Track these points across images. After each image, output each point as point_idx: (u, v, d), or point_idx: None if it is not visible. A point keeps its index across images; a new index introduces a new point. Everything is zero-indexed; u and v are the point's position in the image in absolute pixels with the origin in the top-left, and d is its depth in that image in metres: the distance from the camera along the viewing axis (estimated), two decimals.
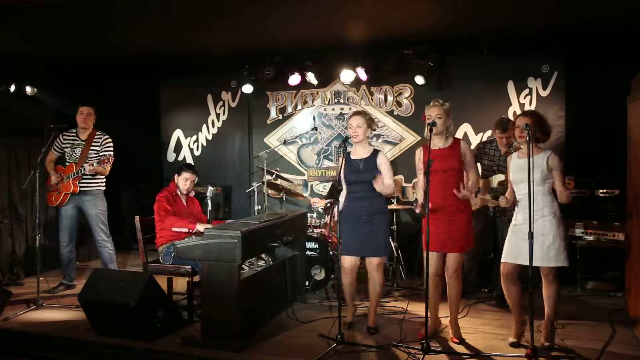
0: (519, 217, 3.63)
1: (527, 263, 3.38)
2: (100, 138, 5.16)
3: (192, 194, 4.76)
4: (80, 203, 5.11)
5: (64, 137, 5.21)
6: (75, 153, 5.13)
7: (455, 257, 3.70)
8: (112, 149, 5.17)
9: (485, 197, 4.60)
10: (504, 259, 3.66)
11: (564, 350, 3.57)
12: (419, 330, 3.83)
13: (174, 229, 4.29)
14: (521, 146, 3.67)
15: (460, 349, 3.63)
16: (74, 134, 5.20)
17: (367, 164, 3.93)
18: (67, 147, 5.18)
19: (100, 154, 5.07)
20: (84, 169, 4.96)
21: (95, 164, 4.92)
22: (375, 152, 3.99)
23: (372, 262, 3.92)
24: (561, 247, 3.49)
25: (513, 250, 3.61)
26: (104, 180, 5.22)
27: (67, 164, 5.15)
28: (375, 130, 4.15)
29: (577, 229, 5.00)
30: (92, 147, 5.12)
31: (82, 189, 5.06)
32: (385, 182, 3.86)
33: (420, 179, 3.83)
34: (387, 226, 3.96)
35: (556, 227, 3.49)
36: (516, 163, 3.65)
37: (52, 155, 5.22)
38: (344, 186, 3.98)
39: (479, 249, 3.90)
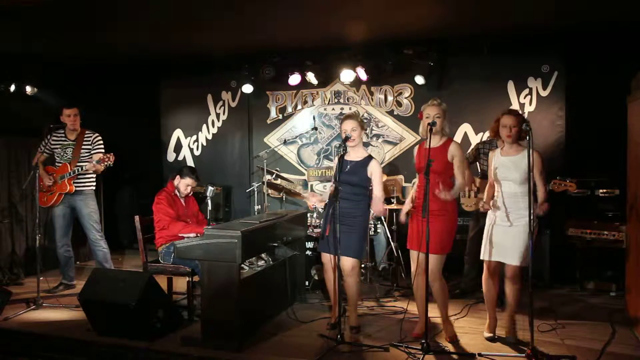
0: (499, 215, 3.66)
1: (510, 262, 3.59)
2: (91, 137, 5.16)
3: (191, 193, 4.75)
4: (73, 202, 5.11)
5: (53, 138, 5.20)
6: (66, 153, 5.11)
7: (431, 258, 3.53)
8: (102, 146, 5.17)
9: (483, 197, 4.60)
10: (488, 257, 3.70)
11: (563, 350, 3.58)
12: (413, 330, 3.85)
13: (181, 235, 4.28)
14: (505, 145, 3.75)
15: (460, 349, 3.63)
16: (62, 135, 5.19)
17: (355, 167, 3.89)
18: (57, 148, 5.17)
19: (92, 152, 5.08)
20: (83, 168, 4.96)
21: (95, 163, 4.92)
22: (369, 158, 3.91)
23: (345, 265, 3.81)
24: (527, 249, 3.45)
25: (497, 249, 3.64)
26: (95, 179, 5.22)
27: (57, 164, 5.14)
28: (369, 130, 4.14)
29: (577, 228, 5.00)
30: (83, 147, 5.11)
31: (75, 188, 5.06)
32: (375, 194, 3.89)
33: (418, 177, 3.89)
34: (364, 230, 3.92)
35: (532, 229, 3.45)
36: (500, 161, 3.67)
37: (41, 156, 5.21)
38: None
39: (478, 249, 3.91)
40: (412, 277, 3.79)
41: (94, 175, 5.18)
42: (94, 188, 5.21)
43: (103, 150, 5.12)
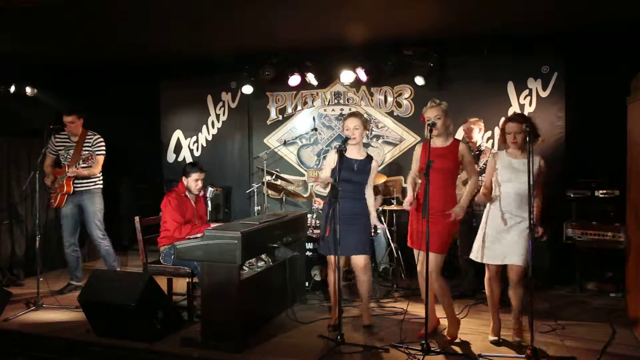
0: (496, 217, 3.63)
1: (515, 263, 3.54)
2: (92, 138, 5.16)
3: (202, 193, 4.73)
4: (80, 201, 5.14)
5: (57, 139, 5.22)
6: (69, 154, 5.14)
7: (430, 256, 3.56)
8: (104, 148, 5.17)
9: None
10: (490, 260, 3.66)
11: (563, 351, 3.57)
12: (419, 330, 3.83)
13: (188, 237, 4.27)
14: (511, 150, 3.67)
15: (460, 349, 3.62)
16: (66, 137, 5.20)
17: (362, 166, 3.93)
18: (61, 150, 5.20)
19: (93, 153, 5.06)
20: (69, 173, 4.97)
21: (77, 167, 4.92)
22: (370, 158, 4.00)
23: (359, 263, 3.92)
24: (527, 250, 3.46)
25: (497, 252, 3.61)
26: (101, 178, 5.22)
27: (62, 165, 5.18)
28: (369, 131, 4.18)
29: (577, 229, 5.00)
30: (84, 148, 5.11)
31: (79, 188, 5.08)
32: (367, 192, 3.97)
33: (413, 173, 3.86)
34: (368, 227, 3.98)
35: (532, 233, 3.44)
36: (506, 162, 3.63)
37: (49, 159, 5.26)
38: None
39: (469, 245, 3.91)
40: (418, 276, 3.82)
41: (99, 175, 5.20)
42: (100, 186, 5.24)
43: (103, 151, 5.13)
